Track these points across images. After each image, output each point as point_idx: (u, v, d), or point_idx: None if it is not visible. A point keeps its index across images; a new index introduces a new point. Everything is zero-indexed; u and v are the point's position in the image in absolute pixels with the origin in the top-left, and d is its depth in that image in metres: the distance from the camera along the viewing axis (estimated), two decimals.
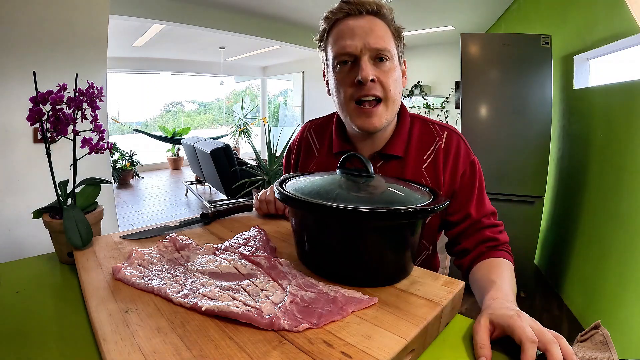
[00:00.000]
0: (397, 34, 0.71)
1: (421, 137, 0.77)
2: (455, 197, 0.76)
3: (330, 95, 0.77)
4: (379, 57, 0.68)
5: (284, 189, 0.57)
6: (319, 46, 0.75)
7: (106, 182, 0.79)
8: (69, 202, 0.73)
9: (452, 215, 0.77)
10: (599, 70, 2.21)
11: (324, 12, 0.71)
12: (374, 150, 0.78)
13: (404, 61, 0.76)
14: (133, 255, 0.59)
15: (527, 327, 0.43)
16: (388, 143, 0.76)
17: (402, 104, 0.80)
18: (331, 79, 0.73)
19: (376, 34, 0.67)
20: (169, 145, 7.41)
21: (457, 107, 5.35)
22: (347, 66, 0.69)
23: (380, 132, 0.75)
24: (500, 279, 0.61)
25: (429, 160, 0.75)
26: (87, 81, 0.72)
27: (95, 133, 0.72)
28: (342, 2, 0.69)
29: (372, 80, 0.67)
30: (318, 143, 0.86)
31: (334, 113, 0.85)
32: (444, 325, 0.50)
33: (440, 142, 0.76)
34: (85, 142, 0.72)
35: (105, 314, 0.45)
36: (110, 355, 0.37)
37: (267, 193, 0.86)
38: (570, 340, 0.43)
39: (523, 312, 0.48)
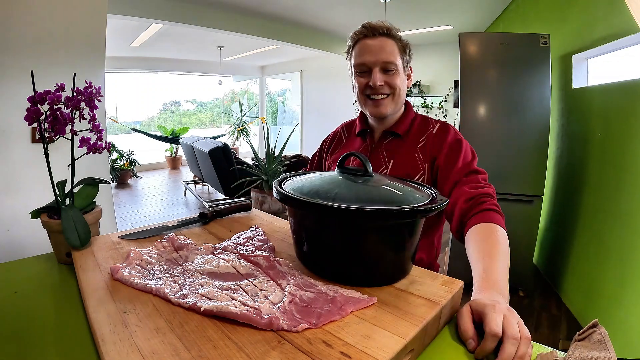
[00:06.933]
0: (403, 49, 0.93)
1: (419, 126, 0.99)
2: (441, 169, 0.89)
3: (354, 92, 1.00)
4: (387, 69, 0.91)
5: (283, 189, 0.57)
6: (347, 57, 0.99)
7: (104, 182, 0.79)
8: (67, 202, 0.73)
9: (441, 189, 0.88)
10: (598, 69, 2.21)
11: (350, 32, 0.96)
12: (385, 129, 1.00)
13: (410, 67, 0.99)
14: (131, 255, 0.59)
15: (498, 318, 0.44)
16: (394, 125, 0.99)
17: (409, 103, 1.03)
18: (354, 81, 0.98)
19: (385, 51, 0.90)
20: (168, 145, 7.39)
21: (455, 106, 5.35)
22: (365, 74, 0.93)
23: (389, 118, 0.98)
24: (491, 259, 0.62)
25: (423, 142, 0.95)
26: (85, 81, 0.72)
27: (94, 133, 0.72)
28: (362, 27, 0.93)
29: (380, 85, 0.91)
30: (347, 133, 1.12)
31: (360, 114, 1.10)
32: (444, 325, 0.50)
33: (433, 129, 0.96)
34: (84, 141, 0.72)
35: (103, 315, 0.45)
36: (109, 355, 0.37)
37: None
38: (569, 340, 0.43)
39: (502, 303, 0.49)
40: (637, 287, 1.50)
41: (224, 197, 4.32)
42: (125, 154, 5.95)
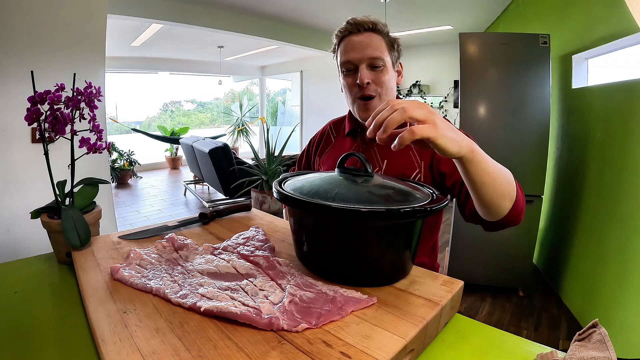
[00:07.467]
0: (390, 44, 0.88)
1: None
2: (446, 161, 0.83)
3: (342, 92, 0.95)
4: (374, 65, 0.86)
5: (283, 189, 0.57)
6: (333, 56, 0.94)
7: (104, 181, 0.79)
8: (67, 202, 0.73)
9: (450, 177, 0.81)
10: (598, 69, 2.21)
11: (335, 30, 0.91)
12: None
13: (400, 63, 0.95)
14: (131, 255, 0.59)
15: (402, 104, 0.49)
16: None
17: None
18: (341, 80, 0.92)
19: (372, 46, 0.85)
20: (168, 145, 7.39)
21: (455, 106, 5.35)
22: (351, 72, 0.88)
23: None
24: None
25: None
26: (85, 81, 0.72)
27: (94, 133, 0.72)
28: (346, 23, 0.88)
29: (368, 83, 0.86)
30: (335, 133, 1.07)
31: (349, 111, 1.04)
32: (443, 325, 0.50)
33: None
34: (84, 141, 0.72)
35: (103, 315, 0.45)
36: (109, 356, 0.37)
37: None
38: (569, 340, 0.43)
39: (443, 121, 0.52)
40: (637, 287, 1.50)
41: (224, 197, 4.32)
42: (125, 154, 5.95)
